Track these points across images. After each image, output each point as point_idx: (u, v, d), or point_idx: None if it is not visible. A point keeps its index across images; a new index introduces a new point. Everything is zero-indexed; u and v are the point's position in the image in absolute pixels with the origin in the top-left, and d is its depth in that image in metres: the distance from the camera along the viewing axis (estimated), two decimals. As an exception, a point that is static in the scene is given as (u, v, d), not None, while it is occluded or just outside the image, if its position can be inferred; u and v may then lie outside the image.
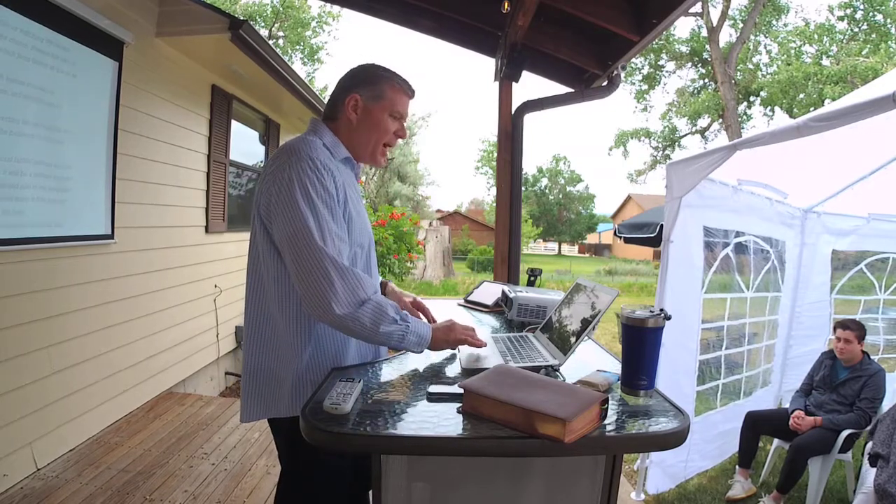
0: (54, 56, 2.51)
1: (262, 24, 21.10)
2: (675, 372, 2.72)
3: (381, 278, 1.62)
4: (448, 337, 1.26)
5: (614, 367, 1.21)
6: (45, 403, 2.60)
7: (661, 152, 23.19)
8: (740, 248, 3.24)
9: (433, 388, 1.07)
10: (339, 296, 1.09)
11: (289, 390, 1.22)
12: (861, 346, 2.97)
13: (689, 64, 21.20)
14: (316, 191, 1.15)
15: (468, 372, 1.22)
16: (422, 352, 1.23)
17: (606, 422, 0.94)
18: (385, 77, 1.32)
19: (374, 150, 1.35)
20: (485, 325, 1.79)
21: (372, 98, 1.31)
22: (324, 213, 1.15)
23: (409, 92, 1.36)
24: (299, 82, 4.57)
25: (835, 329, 3.08)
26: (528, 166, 39.29)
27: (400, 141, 1.40)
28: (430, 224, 19.47)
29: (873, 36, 17.43)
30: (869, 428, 2.76)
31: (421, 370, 1.25)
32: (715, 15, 19.31)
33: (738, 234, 3.18)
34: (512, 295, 1.75)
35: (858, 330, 2.97)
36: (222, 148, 4.39)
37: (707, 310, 3.05)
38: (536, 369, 1.19)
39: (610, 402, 0.98)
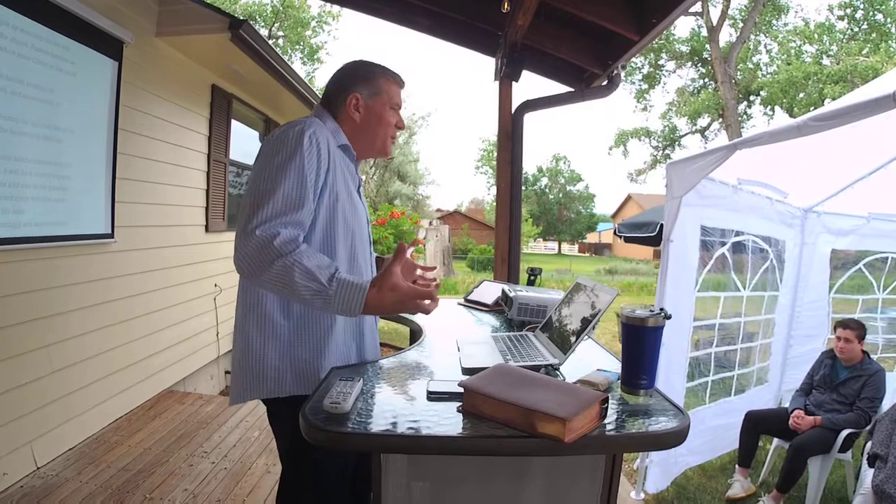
0: (54, 55, 2.50)
1: (262, 24, 21.09)
2: (668, 369, 2.73)
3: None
4: (392, 306, 1.12)
5: (614, 366, 1.21)
6: (45, 402, 2.60)
7: (661, 152, 23.19)
8: (738, 248, 3.24)
9: (433, 388, 1.07)
10: (242, 259, 1.09)
11: (271, 372, 1.22)
12: (861, 346, 2.97)
13: (689, 63, 21.19)
14: (288, 157, 1.15)
15: (468, 371, 1.22)
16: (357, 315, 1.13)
17: (606, 421, 0.94)
18: (379, 72, 1.36)
19: (384, 144, 1.39)
20: (485, 324, 1.79)
21: (371, 95, 1.33)
22: (283, 179, 1.13)
23: (401, 82, 1.40)
24: (299, 82, 4.57)
25: (835, 328, 3.08)
26: (528, 166, 39.34)
27: (398, 133, 1.44)
28: (430, 223, 19.47)
29: (873, 35, 17.44)
30: (868, 428, 2.76)
31: (421, 369, 1.26)
32: (715, 14, 19.33)
33: (737, 233, 3.18)
34: (512, 294, 1.75)
35: (859, 329, 2.97)
36: (222, 147, 4.39)
37: (701, 308, 3.06)
38: (536, 368, 1.20)
39: (610, 401, 0.98)
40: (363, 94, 1.32)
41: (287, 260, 1.06)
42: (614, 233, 9.31)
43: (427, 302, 1.14)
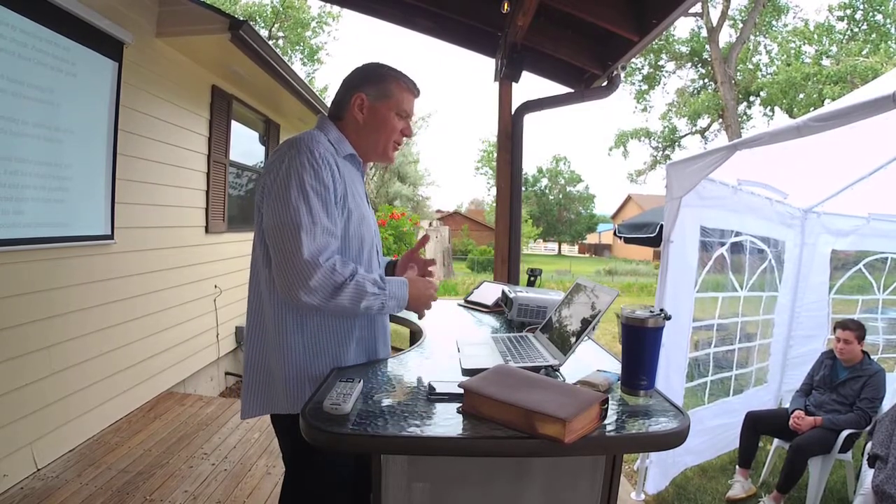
0: (54, 56, 2.51)
1: (262, 25, 21.10)
2: (668, 370, 2.73)
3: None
4: (422, 294, 1.29)
5: (614, 367, 1.21)
6: (46, 403, 2.60)
7: (661, 152, 23.19)
8: (737, 248, 3.24)
9: (433, 389, 1.07)
10: (315, 291, 1.12)
11: (285, 387, 1.22)
12: (861, 346, 2.97)
13: (689, 64, 21.19)
14: (310, 182, 1.15)
15: (468, 372, 1.22)
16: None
17: (606, 422, 0.94)
18: (391, 76, 1.33)
19: (385, 149, 1.36)
20: (485, 325, 1.79)
21: (378, 97, 1.31)
22: (315, 206, 1.14)
23: (415, 90, 1.36)
24: (299, 83, 4.57)
25: (834, 329, 3.08)
26: (528, 166, 39.38)
27: (405, 139, 1.41)
28: (430, 224, 19.45)
29: (873, 36, 17.43)
30: (868, 428, 2.76)
31: (421, 370, 1.26)
32: (715, 15, 19.33)
33: (736, 234, 3.18)
34: (512, 295, 1.75)
35: (858, 330, 2.96)
36: (222, 148, 4.39)
37: (700, 309, 3.07)
38: (536, 369, 1.19)
39: (610, 402, 0.98)
40: (369, 94, 1.30)
41: (357, 279, 1.15)
42: (614, 234, 9.31)
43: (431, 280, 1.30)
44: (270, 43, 4.26)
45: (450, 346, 1.44)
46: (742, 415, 3.15)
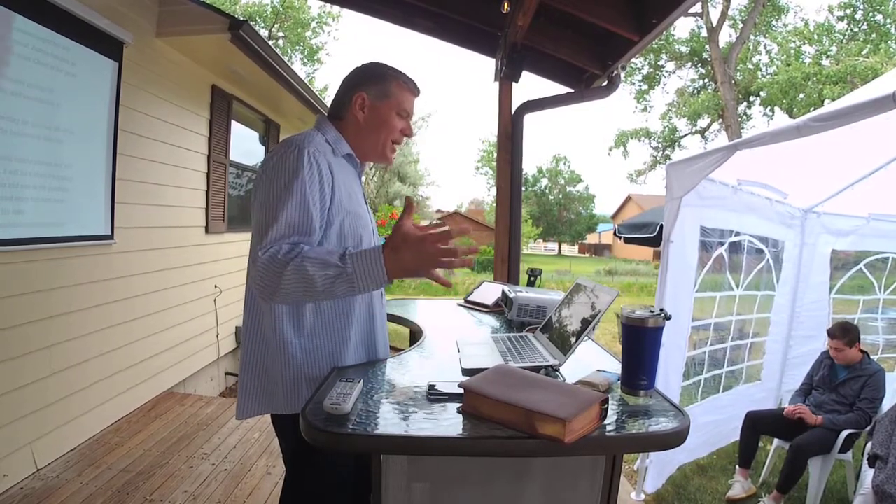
0: (54, 56, 2.51)
1: (262, 25, 21.10)
2: (667, 370, 2.74)
3: None
4: (412, 259, 1.08)
5: (614, 367, 1.21)
6: (46, 403, 2.60)
7: (661, 152, 23.19)
8: (735, 248, 3.24)
9: (433, 389, 1.07)
10: (261, 286, 1.08)
11: (283, 387, 1.22)
12: (856, 348, 2.95)
13: (689, 64, 21.20)
14: (289, 180, 1.13)
15: (468, 372, 1.22)
16: (391, 282, 1.09)
17: (606, 422, 0.94)
18: (391, 75, 1.33)
19: (384, 148, 1.36)
20: (485, 325, 1.79)
21: (379, 96, 1.31)
22: (288, 205, 1.12)
23: (415, 90, 1.37)
24: (299, 83, 4.57)
25: None
26: (528, 166, 39.37)
27: (405, 139, 1.41)
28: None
29: (873, 36, 17.44)
30: (868, 428, 2.76)
31: (421, 370, 1.26)
32: (715, 15, 19.34)
33: (735, 233, 3.18)
34: (512, 295, 1.75)
35: (845, 336, 2.94)
36: (222, 148, 4.39)
37: (699, 309, 3.07)
38: (536, 369, 1.19)
39: (610, 402, 0.98)
40: (370, 93, 1.30)
41: (295, 262, 1.05)
42: (614, 234, 9.32)
43: (448, 249, 1.08)
44: (270, 43, 4.26)
45: (450, 346, 1.44)
46: (733, 411, 3.15)
